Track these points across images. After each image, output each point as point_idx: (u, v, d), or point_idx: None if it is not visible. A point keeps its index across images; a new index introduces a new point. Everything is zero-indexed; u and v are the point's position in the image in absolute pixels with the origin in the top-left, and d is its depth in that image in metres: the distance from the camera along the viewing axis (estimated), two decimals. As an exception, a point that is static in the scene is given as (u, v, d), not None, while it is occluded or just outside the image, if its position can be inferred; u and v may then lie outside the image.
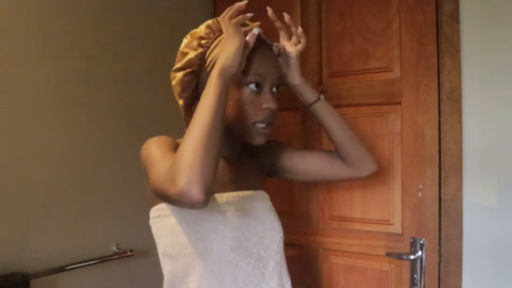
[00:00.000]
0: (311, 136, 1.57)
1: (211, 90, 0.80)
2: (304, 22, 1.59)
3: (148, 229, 1.58)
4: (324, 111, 1.05)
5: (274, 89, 0.96)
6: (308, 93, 1.04)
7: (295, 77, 1.02)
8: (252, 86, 0.91)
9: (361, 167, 1.08)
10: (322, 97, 1.04)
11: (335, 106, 1.55)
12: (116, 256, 1.42)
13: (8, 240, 1.19)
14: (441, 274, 1.32)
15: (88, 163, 1.39)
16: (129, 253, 1.45)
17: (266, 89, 0.93)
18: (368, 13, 1.46)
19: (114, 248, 1.45)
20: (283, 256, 1.01)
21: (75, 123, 1.36)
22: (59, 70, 1.32)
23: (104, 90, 1.45)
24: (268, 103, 0.92)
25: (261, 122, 0.93)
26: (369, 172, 1.09)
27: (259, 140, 0.95)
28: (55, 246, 1.29)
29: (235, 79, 0.89)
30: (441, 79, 1.32)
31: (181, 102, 0.98)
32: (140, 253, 1.52)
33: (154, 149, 0.86)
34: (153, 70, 1.60)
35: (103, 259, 1.38)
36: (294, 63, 1.01)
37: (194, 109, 0.97)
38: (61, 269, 1.27)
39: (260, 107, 0.92)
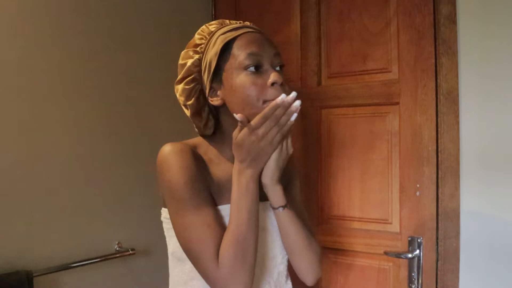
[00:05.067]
0: (311, 136, 1.59)
1: (246, 196, 0.83)
2: (303, 23, 1.61)
3: (150, 228, 1.59)
4: (284, 218, 0.94)
5: (278, 68, 0.88)
6: (274, 197, 0.92)
7: (266, 176, 0.88)
8: (251, 69, 0.85)
9: (299, 275, 1.01)
10: (280, 209, 0.92)
11: (334, 107, 1.60)
12: (118, 255, 1.44)
13: (11, 239, 1.20)
14: (438, 272, 1.34)
15: (90, 162, 1.41)
16: (130, 252, 1.46)
17: (266, 67, 0.86)
18: (367, 14, 1.48)
19: (116, 246, 1.46)
20: (287, 264, 1.00)
21: (78, 123, 1.38)
22: (64, 71, 1.34)
23: (109, 89, 1.47)
24: (273, 77, 0.83)
25: (271, 100, 0.83)
26: (304, 282, 1.02)
27: None
28: (58, 244, 1.31)
29: (232, 68, 0.86)
30: (438, 80, 1.34)
31: (187, 111, 0.95)
32: (142, 252, 1.53)
33: (183, 198, 0.84)
34: (157, 70, 1.61)
35: (105, 258, 1.39)
36: (270, 163, 0.87)
37: (204, 115, 0.94)
38: (64, 267, 1.28)
39: (266, 85, 0.84)
